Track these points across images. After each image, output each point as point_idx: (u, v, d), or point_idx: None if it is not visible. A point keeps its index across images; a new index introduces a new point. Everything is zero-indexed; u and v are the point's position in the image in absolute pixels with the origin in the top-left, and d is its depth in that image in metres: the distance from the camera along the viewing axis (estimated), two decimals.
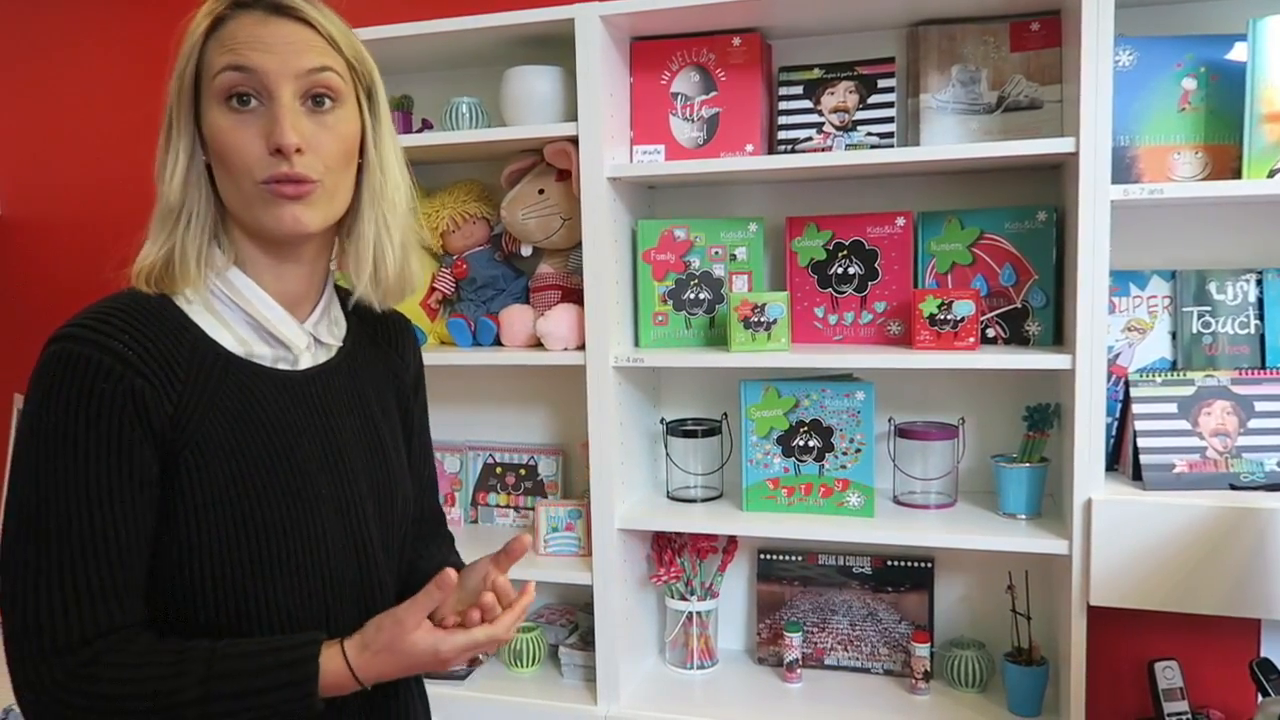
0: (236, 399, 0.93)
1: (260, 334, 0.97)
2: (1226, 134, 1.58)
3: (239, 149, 0.91)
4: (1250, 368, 1.65)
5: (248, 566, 0.91)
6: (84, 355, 0.85)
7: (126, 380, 0.86)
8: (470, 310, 2.01)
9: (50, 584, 0.84)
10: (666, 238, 1.87)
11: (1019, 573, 1.81)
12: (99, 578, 0.85)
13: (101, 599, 0.85)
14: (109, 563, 0.86)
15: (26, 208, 2.56)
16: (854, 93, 1.81)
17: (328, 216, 0.96)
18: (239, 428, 0.92)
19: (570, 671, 1.96)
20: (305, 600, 0.94)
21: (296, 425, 0.97)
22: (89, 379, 0.85)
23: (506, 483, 2.14)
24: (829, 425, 1.78)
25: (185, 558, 0.89)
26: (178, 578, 0.89)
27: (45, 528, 0.84)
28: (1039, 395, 1.80)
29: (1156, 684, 1.68)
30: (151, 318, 0.90)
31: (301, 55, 0.92)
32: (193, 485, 0.89)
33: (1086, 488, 1.56)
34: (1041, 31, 1.72)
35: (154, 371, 0.88)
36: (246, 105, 0.91)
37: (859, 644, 1.93)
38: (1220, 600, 1.50)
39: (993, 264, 1.77)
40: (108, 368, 0.86)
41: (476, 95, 1.93)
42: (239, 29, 0.92)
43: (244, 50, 0.91)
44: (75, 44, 2.47)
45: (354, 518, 1.00)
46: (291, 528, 0.93)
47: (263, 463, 0.93)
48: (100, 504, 0.85)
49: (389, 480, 1.06)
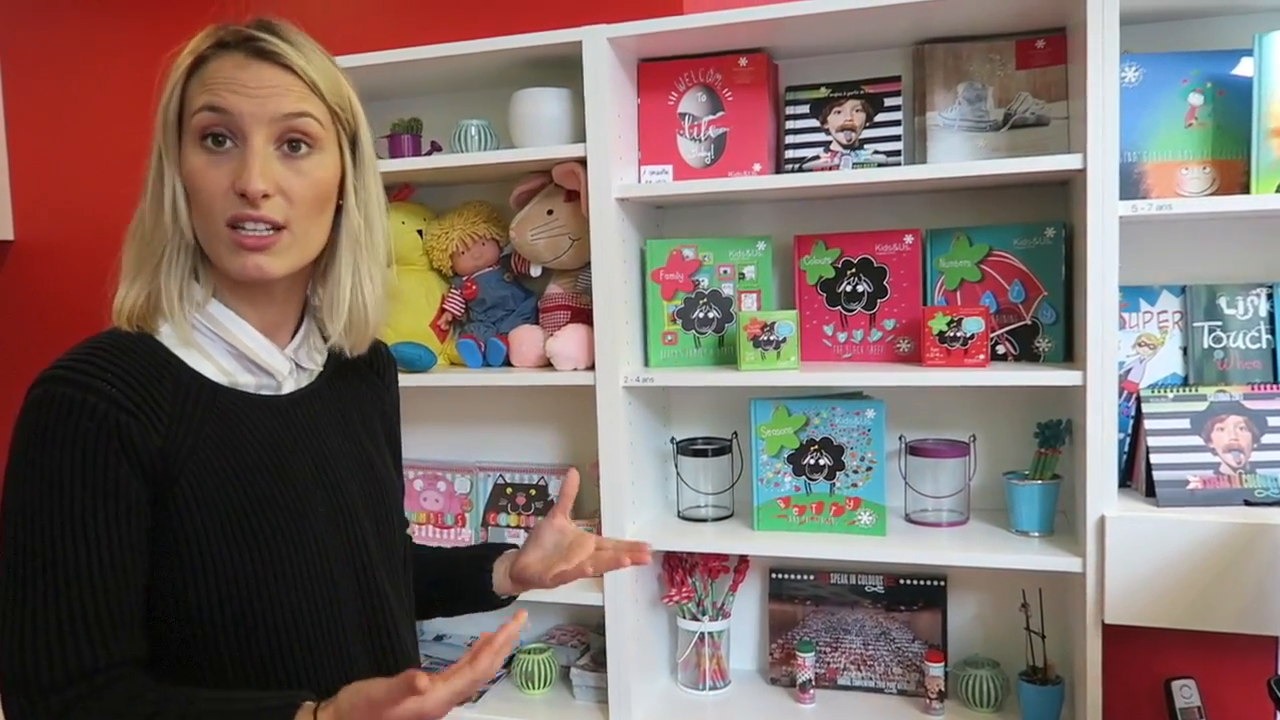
0: (225, 424, 0.94)
1: (243, 363, 0.98)
2: (1234, 149, 1.58)
3: (207, 189, 0.92)
4: (1263, 383, 1.64)
5: (252, 583, 0.91)
6: (68, 396, 0.86)
7: (111, 417, 0.87)
8: (480, 331, 2.02)
9: (35, 624, 0.84)
10: (675, 257, 1.88)
11: (1033, 591, 1.79)
12: (89, 617, 0.85)
13: (86, 638, 0.85)
14: (95, 600, 0.86)
15: (41, 232, 2.58)
16: (861, 111, 1.82)
17: (296, 262, 0.96)
18: (231, 451, 0.93)
19: (582, 693, 1.95)
20: (310, 614, 0.94)
21: (286, 444, 0.98)
22: (74, 419, 0.86)
23: (517, 503, 2.14)
24: (839, 443, 1.78)
25: (189, 581, 0.90)
26: (182, 603, 0.90)
27: (33, 568, 0.85)
28: (1050, 412, 1.79)
29: (1174, 703, 1.66)
30: (133, 355, 0.91)
31: (279, 100, 0.92)
32: (191, 511, 0.90)
33: (1100, 504, 1.55)
34: (1047, 49, 1.72)
35: (138, 407, 0.88)
36: (221, 146, 0.92)
37: (872, 664, 1.92)
38: (1237, 617, 1.49)
39: (1002, 281, 1.77)
40: (91, 406, 0.86)
41: (485, 117, 1.95)
42: (219, 69, 0.92)
43: (222, 91, 0.91)
44: (90, 69, 2.49)
45: (351, 531, 1.01)
46: (292, 541, 0.94)
47: (258, 481, 0.94)
48: (88, 542, 0.86)
49: (381, 494, 1.08)
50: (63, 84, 2.52)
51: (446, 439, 2.20)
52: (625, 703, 1.82)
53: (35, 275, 2.60)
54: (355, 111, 1.00)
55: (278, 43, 0.93)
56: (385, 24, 2.23)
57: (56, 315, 2.57)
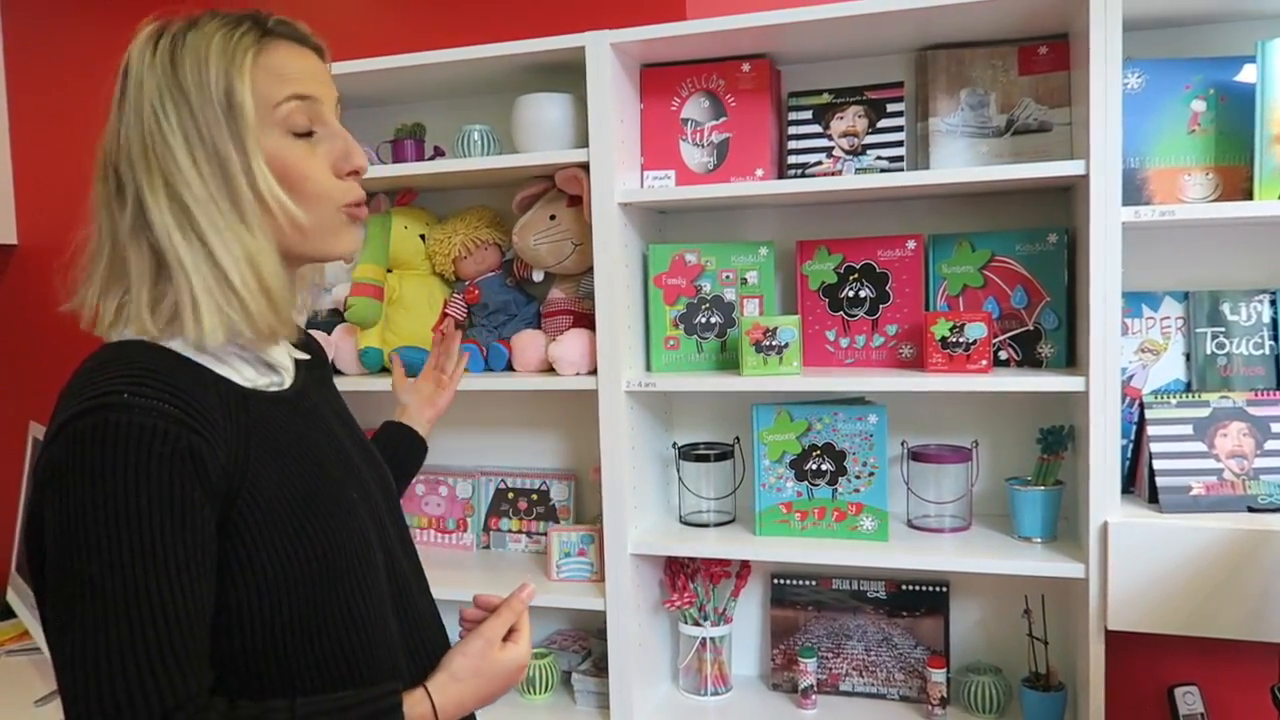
0: (266, 432, 0.93)
1: (256, 364, 0.97)
2: (1237, 155, 1.58)
3: (315, 177, 0.94)
4: (1266, 389, 1.64)
5: (314, 586, 0.91)
6: (135, 422, 0.81)
7: (183, 440, 0.83)
8: (482, 335, 2.02)
9: (125, 663, 0.79)
10: (677, 262, 1.88)
11: (1035, 597, 1.79)
12: (174, 651, 0.81)
13: (179, 672, 0.81)
14: (182, 634, 0.82)
15: (45, 237, 2.58)
16: (863, 117, 1.82)
17: None
18: (276, 459, 0.92)
19: (584, 698, 1.95)
20: (363, 606, 0.95)
21: (313, 441, 0.98)
22: (146, 445, 0.81)
23: (519, 508, 2.14)
24: (842, 449, 1.78)
25: (264, 593, 0.88)
26: (248, 618, 0.88)
27: (115, 604, 0.80)
28: (1053, 417, 1.79)
29: (1177, 710, 1.66)
30: (176, 370, 0.88)
31: (332, 86, 0.98)
32: (256, 524, 0.88)
33: (1102, 510, 1.55)
34: (1050, 55, 1.73)
35: (202, 425, 0.85)
36: (308, 135, 0.95)
37: (874, 669, 1.91)
38: (1240, 624, 1.48)
39: (1004, 286, 1.77)
40: (162, 430, 0.82)
41: (488, 122, 1.95)
42: (287, 60, 0.94)
43: (303, 80, 0.94)
44: (94, 75, 2.49)
45: (377, 518, 1.03)
46: (344, 538, 0.95)
47: (306, 484, 0.93)
48: (170, 574, 0.81)
49: (384, 474, 1.11)
50: (67, 89, 2.53)
51: (448, 443, 2.20)
52: (627, 708, 1.82)
53: (39, 280, 2.60)
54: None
55: (309, 33, 0.98)
56: (389, 29, 2.24)
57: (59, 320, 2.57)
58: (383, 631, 0.97)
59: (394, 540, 1.06)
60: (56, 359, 2.55)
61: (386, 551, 1.02)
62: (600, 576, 1.87)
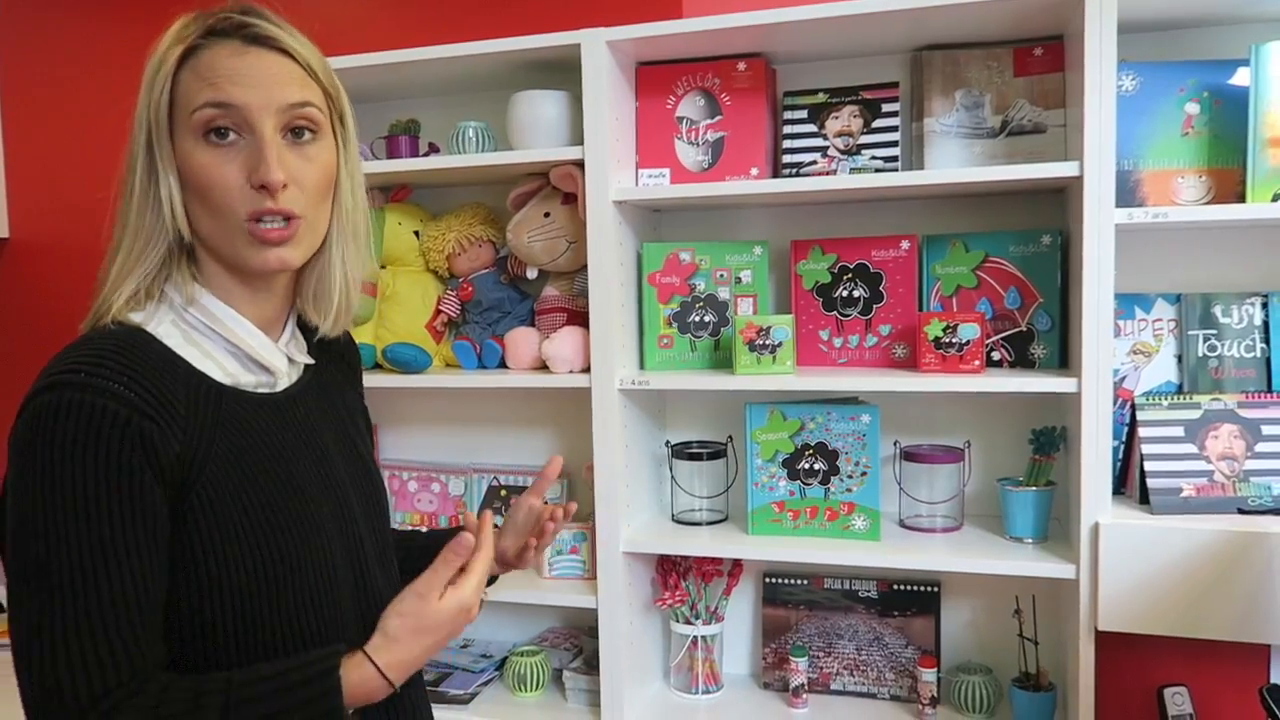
0: (235, 432, 0.91)
1: (243, 361, 0.96)
2: (1230, 158, 1.59)
3: (221, 184, 0.89)
4: (1257, 391, 1.65)
5: (266, 598, 0.90)
6: (86, 401, 0.82)
7: (134, 424, 0.83)
8: (476, 333, 2.02)
9: (68, 643, 0.80)
10: (672, 261, 1.88)
11: (1026, 597, 1.79)
12: (118, 631, 0.82)
13: (123, 651, 0.82)
14: (128, 615, 0.82)
15: (36, 229, 2.57)
16: (858, 117, 1.82)
17: (309, 250, 0.96)
18: (242, 460, 0.91)
19: (575, 696, 1.95)
20: (318, 623, 0.94)
21: (290, 450, 0.96)
22: (94, 426, 0.81)
23: (511, 505, 2.13)
24: (834, 448, 1.78)
25: (204, 594, 0.87)
26: (196, 616, 0.88)
27: (59, 584, 0.80)
28: (1045, 418, 1.79)
29: (1166, 711, 1.67)
30: (142, 355, 0.87)
31: (284, 88, 0.90)
32: (206, 524, 0.87)
33: (1094, 511, 1.56)
34: (1045, 56, 1.73)
35: (158, 412, 0.85)
36: (225, 138, 0.89)
37: (865, 669, 1.92)
38: (1230, 625, 1.49)
39: (997, 287, 1.77)
40: (113, 412, 0.82)
41: (483, 119, 1.95)
42: (216, 60, 0.90)
43: (224, 84, 0.89)
44: (86, 67, 2.49)
45: (351, 535, 1.01)
46: (303, 554, 0.93)
47: (269, 493, 0.92)
48: (116, 555, 0.82)
49: (374, 491, 1.08)
50: (59, 81, 2.52)
51: (441, 440, 2.20)
52: (618, 706, 1.82)
53: (31, 272, 2.59)
54: (342, 93, 0.99)
55: (270, 27, 0.92)
56: (384, 25, 2.23)
57: (52, 313, 2.57)
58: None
59: (369, 557, 1.03)
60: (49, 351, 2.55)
61: (358, 571, 1.00)
62: (592, 574, 1.86)
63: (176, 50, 0.90)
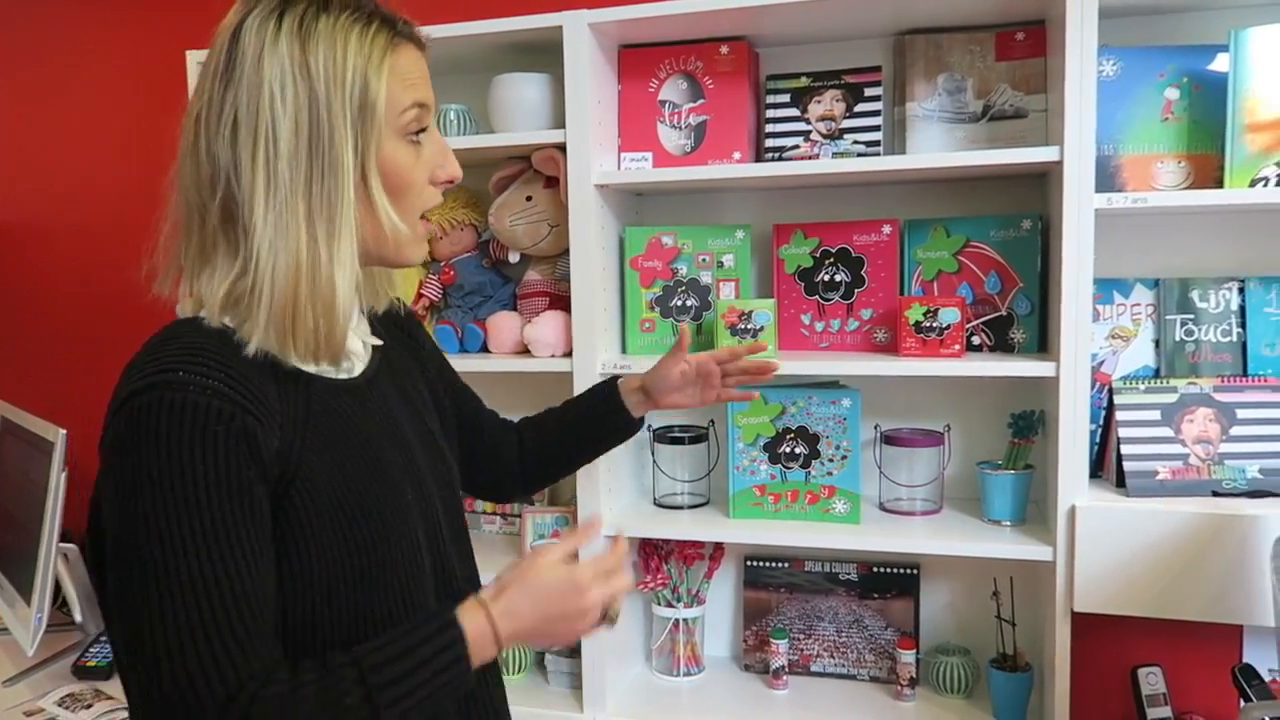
0: (325, 421, 0.91)
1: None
2: (1209, 144, 1.60)
3: (418, 182, 0.94)
4: (1232, 375, 1.66)
5: (358, 584, 0.90)
6: (189, 400, 0.81)
7: (238, 420, 0.82)
8: (457, 317, 2.01)
9: (197, 641, 0.79)
10: (654, 245, 1.88)
11: (1004, 579, 1.81)
12: (243, 624, 0.81)
13: (250, 644, 0.81)
14: (250, 608, 0.82)
15: (22, 213, 2.54)
16: (841, 101, 1.82)
17: None
18: (334, 449, 0.91)
19: (556, 679, 1.96)
20: (406, 608, 0.94)
21: (375, 435, 0.96)
22: (200, 423, 0.81)
23: None
24: (815, 432, 1.79)
25: (302, 587, 0.88)
26: (295, 607, 0.88)
27: (182, 584, 0.80)
28: (1024, 402, 1.81)
29: (1140, 690, 1.69)
30: (234, 351, 0.86)
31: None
32: (303, 516, 0.87)
33: (1071, 494, 1.57)
34: (1027, 41, 1.73)
35: (257, 407, 0.84)
36: (417, 142, 0.94)
37: (845, 650, 1.93)
38: (1203, 606, 1.51)
39: (978, 271, 1.78)
40: (217, 409, 0.82)
41: (465, 102, 1.94)
42: (411, 63, 0.94)
43: (421, 85, 0.94)
44: (73, 50, 2.46)
45: (431, 518, 1.01)
46: (394, 541, 0.93)
47: (360, 479, 0.92)
48: (234, 552, 0.81)
49: (448, 472, 1.09)
50: (46, 67, 2.48)
51: None
52: (599, 688, 1.83)
53: (17, 257, 2.56)
54: None
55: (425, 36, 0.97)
56: None
57: (39, 297, 2.54)
58: None
59: (446, 540, 1.03)
60: (36, 337, 2.53)
61: (436, 553, 1.01)
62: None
63: (382, 53, 0.91)
